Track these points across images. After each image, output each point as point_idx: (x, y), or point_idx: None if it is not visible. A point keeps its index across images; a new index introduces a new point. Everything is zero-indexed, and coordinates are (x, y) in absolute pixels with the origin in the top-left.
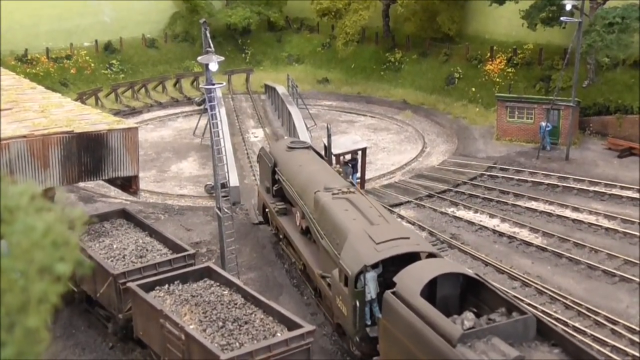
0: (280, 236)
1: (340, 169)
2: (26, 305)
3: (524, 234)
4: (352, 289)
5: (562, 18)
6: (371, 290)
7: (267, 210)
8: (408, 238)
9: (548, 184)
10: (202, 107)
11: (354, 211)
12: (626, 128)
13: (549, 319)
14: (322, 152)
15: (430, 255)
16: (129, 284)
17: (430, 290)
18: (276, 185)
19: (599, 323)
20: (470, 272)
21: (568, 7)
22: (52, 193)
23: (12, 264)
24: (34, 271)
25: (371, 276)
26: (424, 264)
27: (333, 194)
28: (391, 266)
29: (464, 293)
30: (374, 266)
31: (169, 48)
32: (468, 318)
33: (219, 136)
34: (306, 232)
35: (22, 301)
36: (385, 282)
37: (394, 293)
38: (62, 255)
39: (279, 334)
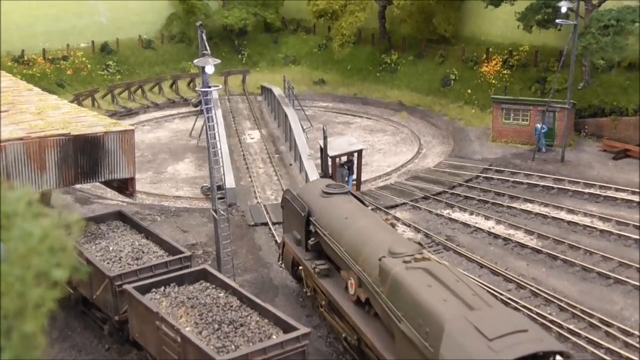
0: (322, 302)
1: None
2: (23, 311)
3: (519, 236)
4: None
5: (557, 20)
6: None
7: (300, 267)
8: (526, 330)
9: (543, 186)
10: (198, 108)
11: (440, 288)
12: (621, 130)
13: (544, 321)
14: (319, 154)
15: (557, 352)
16: (125, 286)
17: None
18: (312, 239)
19: (593, 325)
20: None
21: (563, 10)
22: (48, 195)
23: (9, 270)
24: (31, 276)
25: None
26: None
27: (404, 261)
28: None
29: None
30: None
31: (166, 49)
32: None
33: (215, 138)
34: (364, 303)
35: (19, 306)
36: None
37: None
38: (59, 261)
39: (274, 337)
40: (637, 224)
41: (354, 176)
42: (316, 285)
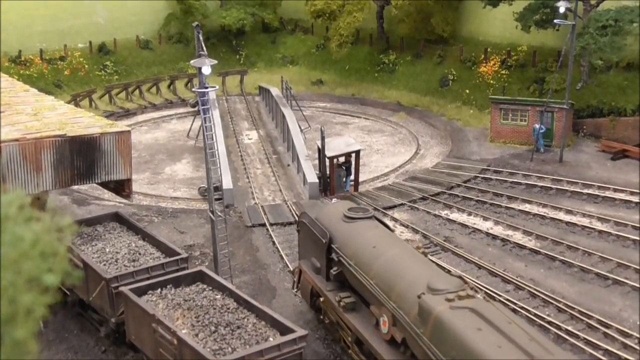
0: (349, 339)
1: None
2: (14, 317)
3: (518, 237)
4: None
5: (555, 20)
6: None
7: (321, 299)
8: None
9: (542, 187)
10: (196, 108)
11: (492, 332)
12: (619, 130)
13: (542, 322)
14: (316, 155)
15: None
16: (122, 288)
17: None
18: (335, 269)
19: (591, 326)
20: None
21: (562, 10)
22: (44, 197)
23: (1, 275)
24: (22, 282)
25: None
26: None
27: (447, 299)
28: None
29: None
30: None
31: (163, 49)
32: None
33: (212, 138)
34: (400, 344)
35: (10, 312)
36: None
37: None
38: (51, 266)
39: (271, 339)
40: (636, 225)
41: (352, 177)
42: (340, 319)
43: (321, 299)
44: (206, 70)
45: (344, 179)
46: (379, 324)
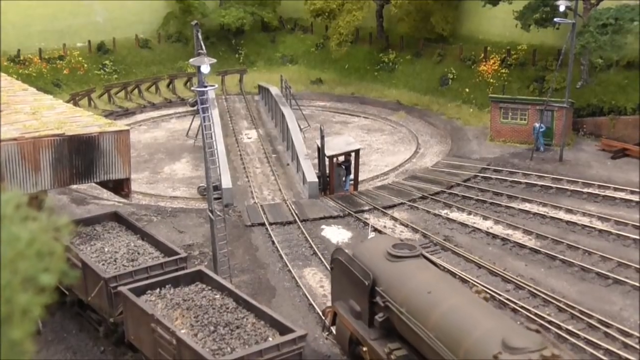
0: None
1: None
2: (10, 317)
3: (518, 236)
4: None
5: (555, 19)
6: None
7: (363, 348)
8: None
9: (542, 186)
10: (195, 107)
11: None
12: (619, 129)
13: (542, 321)
14: (316, 154)
15: None
16: (120, 288)
17: None
18: (381, 315)
19: (592, 326)
20: None
21: (562, 8)
22: (42, 196)
23: None
24: (18, 282)
25: None
26: None
27: None
28: None
29: None
30: None
31: (162, 48)
32: None
33: (211, 137)
34: None
35: (6, 312)
36: None
37: None
38: (47, 266)
39: (270, 339)
40: (636, 224)
41: (352, 176)
42: None
43: (363, 348)
44: (205, 68)
45: (344, 178)
46: None
